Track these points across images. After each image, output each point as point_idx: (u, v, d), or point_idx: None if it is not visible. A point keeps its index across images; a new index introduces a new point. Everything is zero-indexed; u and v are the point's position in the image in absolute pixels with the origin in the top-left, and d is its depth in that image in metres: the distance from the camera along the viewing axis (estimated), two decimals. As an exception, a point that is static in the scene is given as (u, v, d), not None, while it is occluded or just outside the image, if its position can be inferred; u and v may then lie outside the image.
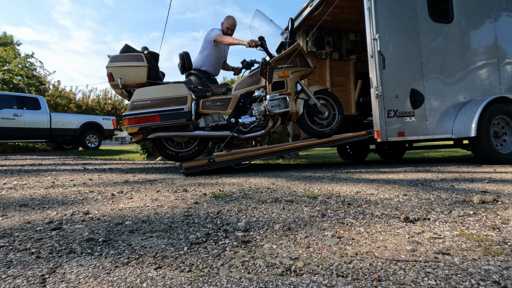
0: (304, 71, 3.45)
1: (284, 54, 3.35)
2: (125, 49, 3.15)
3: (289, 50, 3.35)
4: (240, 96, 3.39)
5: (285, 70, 3.33)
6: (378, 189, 1.88)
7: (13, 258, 0.87)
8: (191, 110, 3.05)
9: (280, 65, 3.35)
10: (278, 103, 3.24)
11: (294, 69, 3.38)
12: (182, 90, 3.11)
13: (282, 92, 3.31)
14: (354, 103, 5.57)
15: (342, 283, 0.69)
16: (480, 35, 3.82)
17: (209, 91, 3.33)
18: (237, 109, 3.37)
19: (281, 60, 3.35)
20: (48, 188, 2.15)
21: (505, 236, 0.99)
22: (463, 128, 3.40)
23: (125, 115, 2.96)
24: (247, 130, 3.34)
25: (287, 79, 3.34)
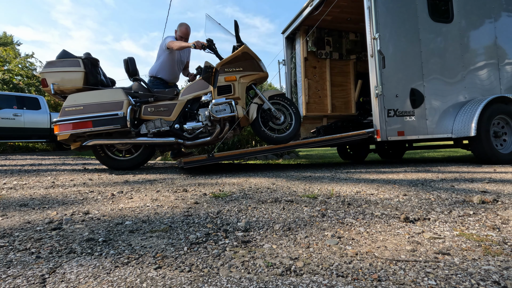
0: (256, 76, 3.34)
1: (230, 57, 3.27)
2: (62, 54, 3.10)
3: (235, 53, 3.28)
4: (187, 101, 3.29)
5: (232, 74, 3.24)
6: (378, 189, 1.88)
7: (13, 258, 0.87)
8: (126, 116, 2.93)
9: (227, 69, 3.26)
10: (223, 107, 3.14)
11: (243, 73, 3.28)
12: (118, 95, 3.01)
13: (229, 97, 3.21)
14: (354, 103, 5.57)
15: (342, 283, 0.69)
16: (480, 35, 3.82)
17: (151, 96, 3.24)
18: (183, 115, 3.28)
19: (228, 63, 3.27)
20: (48, 188, 2.15)
21: (505, 236, 0.99)
22: (463, 128, 3.40)
23: (55, 122, 2.88)
24: (193, 136, 3.23)
25: (235, 83, 3.24)
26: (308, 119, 5.37)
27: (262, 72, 3.39)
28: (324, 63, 5.39)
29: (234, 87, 3.22)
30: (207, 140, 3.23)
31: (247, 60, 3.31)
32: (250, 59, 3.32)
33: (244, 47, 3.29)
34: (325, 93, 5.41)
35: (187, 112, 3.30)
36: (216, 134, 3.19)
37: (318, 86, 5.35)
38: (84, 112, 2.90)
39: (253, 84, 3.38)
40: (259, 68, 3.36)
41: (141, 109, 3.17)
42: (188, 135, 3.22)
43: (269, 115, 3.37)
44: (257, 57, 3.37)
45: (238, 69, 3.27)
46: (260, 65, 3.38)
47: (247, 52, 3.30)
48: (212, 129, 3.23)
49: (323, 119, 5.50)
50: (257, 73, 3.35)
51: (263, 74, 3.40)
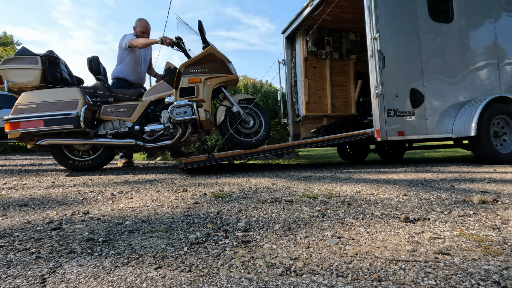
0: (223, 78, 3.26)
1: (194, 58, 3.19)
2: (21, 51, 3.04)
3: (199, 54, 3.19)
4: (150, 103, 3.22)
5: (196, 75, 3.16)
6: (378, 189, 1.88)
7: (13, 258, 0.87)
8: (79, 116, 2.86)
9: (192, 70, 3.17)
10: (184, 110, 3.05)
11: (209, 75, 3.19)
12: (74, 94, 2.93)
13: (192, 99, 3.11)
14: (354, 103, 5.58)
15: (342, 283, 0.69)
16: (480, 35, 3.82)
17: (111, 96, 3.17)
18: (145, 117, 3.21)
19: (193, 65, 3.18)
20: (48, 188, 2.15)
21: (505, 236, 0.99)
22: (463, 128, 3.40)
23: (6, 119, 2.83)
24: (153, 138, 3.15)
25: (199, 85, 3.14)
26: (308, 119, 5.37)
27: (231, 75, 3.30)
28: (324, 63, 5.39)
29: (198, 89, 3.13)
30: (167, 143, 3.14)
31: (214, 62, 3.22)
32: (218, 61, 3.23)
33: (209, 48, 3.21)
34: (325, 93, 5.41)
35: (149, 113, 3.23)
36: (178, 137, 3.11)
37: (318, 86, 5.35)
38: (36, 111, 2.83)
39: (222, 86, 3.32)
40: (227, 70, 3.28)
41: (100, 109, 3.11)
42: (148, 137, 3.14)
43: (237, 118, 3.30)
44: (225, 59, 3.29)
45: (204, 70, 3.18)
46: (229, 67, 3.29)
47: (213, 54, 3.21)
48: (175, 132, 3.14)
49: (323, 119, 5.50)
50: (225, 75, 3.27)
51: (232, 77, 3.30)
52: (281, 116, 5.61)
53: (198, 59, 3.18)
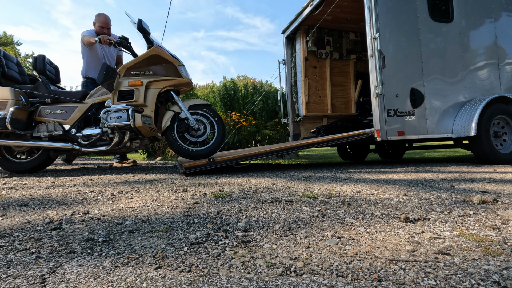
0: (172, 81, 3.07)
1: (136, 60, 3.01)
2: None
3: (141, 56, 3.00)
4: (91, 105, 3.06)
5: (137, 78, 2.99)
6: (378, 189, 1.88)
7: (13, 258, 0.87)
8: (6, 117, 2.77)
9: (134, 72, 3.01)
10: (119, 115, 2.88)
11: (154, 78, 3.01)
12: (4, 94, 2.82)
13: (131, 103, 2.94)
14: (354, 103, 5.58)
15: (342, 283, 0.69)
16: (480, 35, 3.82)
17: (49, 97, 3.03)
18: (85, 120, 3.07)
19: (135, 67, 3.01)
20: (48, 188, 2.15)
21: (505, 236, 0.99)
22: (463, 128, 3.40)
23: None
24: (89, 143, 3.01)
25: (140, 88, 2.96)
26: (308, 119, 5.37)
27: (181, 78, 3.09)
28: (324, 63, 5.40)
29: (138, 93, 2.95)
30: (104, 149, 3.00)
31: (161, 63, 3.04)
32: (165, 62, 3.04)
33: (152, 49, 3.00)
34: (325, 93, 5.41)
35: (90, 116, 3.08)
36: (115, 143, 2.96)
37: (318, 86, 5.35)
38: None
39: (172, 91, 3.14)
40: (176, 73, 3.07)
41: (37, 110, 3.00)
42: (84, 142, 3.00)
43: (185, 125, 3.11)
44: (175, 61, 3.09)
45: (148, 73, 3.01)
46: (179, 70, 3.09)
47: (158, 55, 3.01)
48: (113, 137, 2.99)
49: (323, 119, 5.50)
50: (172, 78, 3.06)
51: (182, 80, 3.10)
52: (281, 116, 5.61)
53: (140, 61, 3.01)
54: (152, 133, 3.09)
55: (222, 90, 7.70)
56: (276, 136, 7.55)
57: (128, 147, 3.12)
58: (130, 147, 3.15)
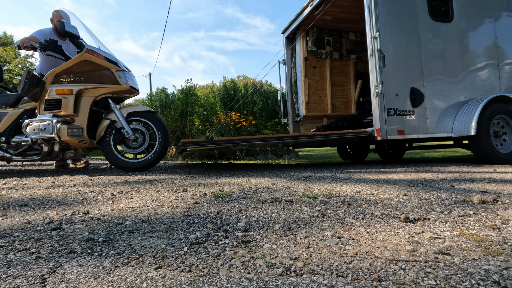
0: (108, 89, 2.86)
1: (65, 66, 2.77)
2: None
3: (70, 62, 2.77)
4: (23, 111, 2.89)
5: (66, 86, 2.76)
6: (378, 189, 1.88)
7: (13, 258, 0.87)
8: None
9: (64, 79, 2.79)
10: (44, 126, 2.68)
11: (86, 86, 2.79)
12: None
13: (58, 113, 2.73)
14: (354, 103, 5.58)
15: (342, 283, 0.69)
16: (480, 35, 3.83)
17: None
18: (16, 126, 2.90)
19: (63, 73, 2.78)
20: (48, 188, 2.15)
21: (505, 236, 0.99)
22: (463, 127, 3.40)
23: None
24: (19, 152, 2.85)
25: (68, 97, 2.74)
26: (308, 118, 5.38)
27: (118, 85, 2.87)
28: (324, 63, 5.40)
29: (66, 102, 2.73)
30: (35, 158, 2.85)
31: (95, 69, 2.81)
32: (100, 68, 2.82)
33: (81, 54, 2.75)
34: (325, 93, 5.41)
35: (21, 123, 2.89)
36: (44, 154, 2.81)
37: (318, 86, 5.36)
38: None
39: (110, 98, 2.95)
40: (112, 79, 2.85)
41: None
42: (13, 150, 2.85)
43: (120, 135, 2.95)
44: (111, 66, 2.86)
45: (79, 80, 2.79)
46: (116, 75, 2.86)
47: (88, 61, 2.77)
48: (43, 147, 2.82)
49: (323, 119, 5.50)
50: (108, 86, 2.85)
51: (119, 87, 2.88)
52: (281, 116, 5.61)
53: (69, 67, 2.77)
54: (83, 145, 2.89)
55: (222, 90, 7.70)
56: (276, 136, 7.55)
57: (61, 158, 2.97)
58: (64, 158, 3.01)
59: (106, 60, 2.84)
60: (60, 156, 2.91)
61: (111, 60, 2.88)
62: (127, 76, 2.97)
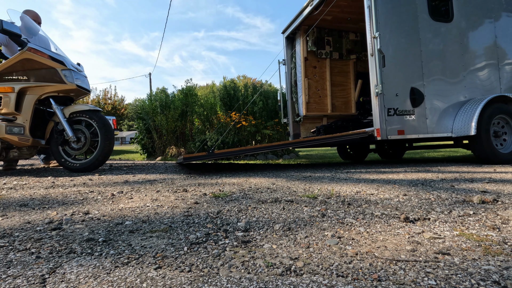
0: (52, 87, 2.84)
1: (6, 64, 2.77)
2: None
3: (10, 60, 2.77)
4: None
5: (8, 84, 2.77)
6: (378, 189, 1.88)
7: (13, 258, 0.87)
8: None
9: (7, 76, 2.79)
10: None
11: (28, 84, 2.78)
12: None
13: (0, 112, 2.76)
14: (354, 103, 5.58)
15: (342, 283, 0.69)
16: (480, 35, 3.83)
17: None
18: None
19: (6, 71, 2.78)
20: (48, 188, 2.15)
21: (505, 236, 0.99)
22: (463, 127, 3.40)
23: None
24: None
25: (10, 95, 2.75)
26: (308, 118, 5.38)
27: (63, 84, 2.85)
28: (324, 62, 5.40)
29: (7, 100, 2.75)
30: None
31: (39, 68, 2.79)
32: (44, 67, 2.80)
33: (21, 53, 2.74)
34: (325, 93, 5.41)
35: None
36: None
37: (318, 85, 5.36)
38: None
39: (51, 98, 2.92)
40: (57, 78, 2.83)
41: None
42: None
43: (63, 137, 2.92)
44: (56, 65, 2.84)
45: (22, 78, 2.79)
46: (62, 74, 2.84)
47: (31, 59, 2.75)
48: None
49: (323, 118, 5.50)
50: (52, 84, 2.83)
51: (64, 86, 2.86)
52: (281, 116, 5.61)
53: (11, 65, 2.78)
54: (25, 143, 2.85)
55: (222, 90, 7.70)
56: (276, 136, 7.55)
57: (5, 157, 2.94)
58: (8, 157, 2.96)
59: (50, 59, 2.81)
60: (3, 155, 2.90)
61: (56, 59, 2.85)
62: (73, 75, 2.92)
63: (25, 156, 3.04)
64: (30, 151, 3.06)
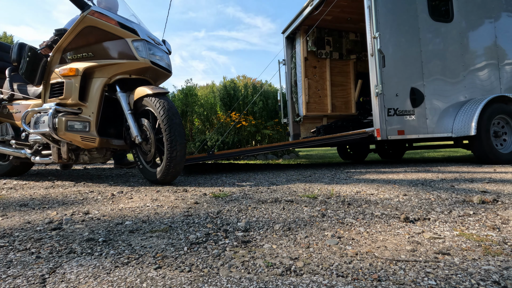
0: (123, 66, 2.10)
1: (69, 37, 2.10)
2: None
3: (72, 29, 2.07)
4: None
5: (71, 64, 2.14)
6: (378, 189, 1.88)
7: (13, 258, 0.87)
8: None
9: (71, 55, 2.16)
10: (44, 118, 2.11)
11: (96, 62, 2.09)
12: None
13: (61, 101, 2.12)
14: (354, 103, 5.58)
15: (342, 283, 0.69)
16: (480, 35, 3.83)
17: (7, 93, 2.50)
18: None
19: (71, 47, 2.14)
20: (48, 188, 2.15)
21: (505, 236, 0.99)
22: (463, 127, 3.40)
23: None
24: (34, 151, 2.37)
25: (74, 79, 2.08)
26: (308, 118, 5.38)
27: (133, 61, 2.08)
28: (324, 63, 5.40)
29: (69, 86, 2.08)
30: (47, 160, 2.29)
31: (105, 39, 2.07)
32: (112, 37, 2.06)
33: (83, 18, 2.03)
34: (325, 93, 5.41)
35: None
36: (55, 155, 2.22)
37: (318, 85, 5.36)
38: None
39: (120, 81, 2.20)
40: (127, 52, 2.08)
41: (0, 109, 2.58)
42: (29, 150, 2.38)
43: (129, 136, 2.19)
44: (125, 33, 2.07)
45: (87, 55, 2.11)
46: (132, 46, 2.07)
47: (94, 27, 2.04)
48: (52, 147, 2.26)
49: (323, 118, 5.50)
50: (120, 61, 2.08)
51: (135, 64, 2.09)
52: (281, 116, 5.62)
53: (74, 38, 2.10)
54: (91, 144, 2.13)
55: (222, 90, 7.70)
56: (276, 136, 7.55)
57: (74, 160, 2.29)
58: (78, 160, 2.31)
59: (119, 26, 2.07)
60: (72, 158, 2.27)
61: (126, 26, 2.11)
62: (148, 48, 2.14)
63: (97, 160, 2.38)
64: (101, 153, 2.33)
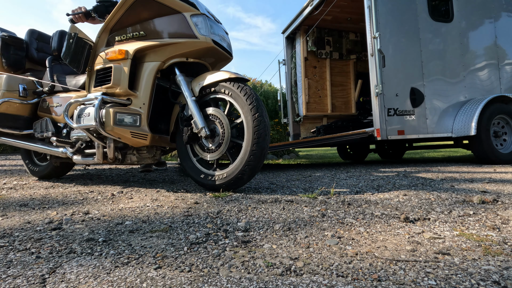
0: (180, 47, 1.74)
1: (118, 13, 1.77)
2: None
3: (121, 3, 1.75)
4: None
5: (119, 46, 1.81)
6: (378, 189, 1.88)
7: (13, 258, 0.87)
8: None
9: (119, 36, 1.83)
10: (89, 111, 1.80)
11: (147, 43, 1.73)
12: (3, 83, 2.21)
13: (108, 90, 1.79)
14: (354, 103, 5.58)
15: (342, 283, 0.69)
16: (480, 35, 3.83)
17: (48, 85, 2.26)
18: None
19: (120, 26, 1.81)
20: (48, 188, 2.15)
21: (505, 236, 0.99)
22: (463, 127, 3.40)
23: None
24: (76, 150, 2.08)
25: (123, 63, 1.75)
26: (308, 118, 5.37)
27: (193, 40, 1.71)
28: (324, 63, 5.40)
29: (117, 72, 1.74)
30: (90, 160, 2.01)
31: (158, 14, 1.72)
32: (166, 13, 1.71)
33: None
34: (325, 93, 5.41)
35: None
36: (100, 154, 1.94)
37: (318, 85, 5.36)
38: None
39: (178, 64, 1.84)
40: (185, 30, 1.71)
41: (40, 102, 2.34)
42: (71, 148, 2.10)
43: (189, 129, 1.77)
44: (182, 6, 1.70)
45: (136, 34, 1.77)
46: (190, 22, 1.69)
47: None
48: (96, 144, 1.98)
49: (323, 118, 5.50)
50: (177, 40, 1.72)
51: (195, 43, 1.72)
52: (281, 116, 5.62)
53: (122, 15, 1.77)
54: (142, 141, 1.82)
55: (222, 90, 7.69)
56: (276, 136, 7.55)
57: (121, 161, 2.01)
58: (125, 161, 2.02)
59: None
60: (118, 158, 1.98)
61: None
62: (209, 25, 1.76)
63: (146, 161, 2.04)
64: (151, 153, 2.02)
